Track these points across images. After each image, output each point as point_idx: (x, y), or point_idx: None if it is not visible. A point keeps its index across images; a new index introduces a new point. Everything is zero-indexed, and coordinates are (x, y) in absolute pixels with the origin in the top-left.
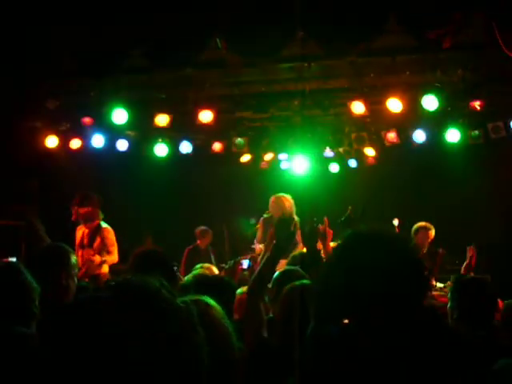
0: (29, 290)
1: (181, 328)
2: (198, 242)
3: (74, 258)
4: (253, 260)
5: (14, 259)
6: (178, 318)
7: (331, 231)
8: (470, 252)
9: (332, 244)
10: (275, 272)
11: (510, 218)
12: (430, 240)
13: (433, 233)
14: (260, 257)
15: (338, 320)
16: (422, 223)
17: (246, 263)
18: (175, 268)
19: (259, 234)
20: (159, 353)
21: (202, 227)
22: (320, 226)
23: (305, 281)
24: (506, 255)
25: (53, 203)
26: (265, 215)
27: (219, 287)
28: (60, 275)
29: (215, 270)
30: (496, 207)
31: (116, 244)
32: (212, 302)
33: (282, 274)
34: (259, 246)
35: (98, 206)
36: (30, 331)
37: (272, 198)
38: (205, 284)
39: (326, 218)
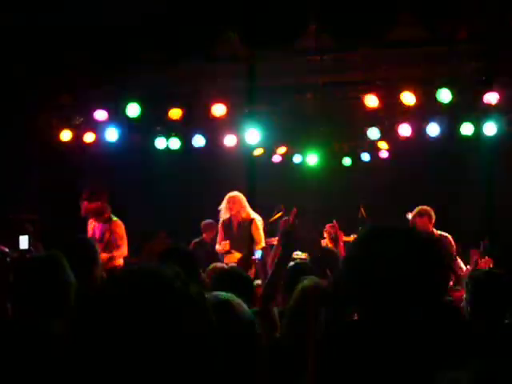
0: (67, 286)
1: (193, 316)
2: (204, 235)
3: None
4: (265, 250)
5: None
6: (191, 307)
7: (342, 233)
8: (474, 256)
9: (346, 238)
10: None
11: None
12: (431, 226)
13: (430, 218)
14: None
15: (355, 308)
16: (418, 209)
17: (258, 254)
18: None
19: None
20: (169, 342)
21: (207, 220)
22: (331, 230)
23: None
24: None
25: (66, 197)
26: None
27: (235, 280)
28: (93, 269)
29: None
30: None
31: (125, 237)
32: (231, 296)
33: (292, 268)
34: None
35: (106, 201)
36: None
37: (231, 198)
38: (221, 279)
39: (335, 221)
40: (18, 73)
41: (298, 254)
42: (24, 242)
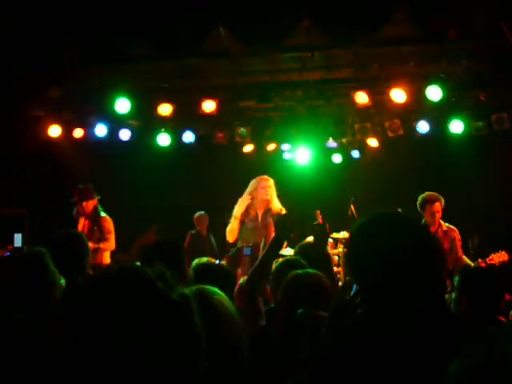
0: (50, 283)
1: (173, 318)
2: (198, 227)
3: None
4: (255, 246)
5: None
6: (172, 310)
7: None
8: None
9: (336, 235)
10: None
11: None
12: (438, 214)
13: (438, 205)
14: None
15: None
16: (432, 194)
17: (247, 251)
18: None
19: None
20: (150, 342)
21: (199, 212)
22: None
23: (310, 270)
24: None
25: (54, 192)
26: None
27: (219, 275)
28: (84, 265)
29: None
30: (500, 198)
31: (113, 232)
32: (216, 290)
33: (283, 263)
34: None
35: (93, 197)
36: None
37: (265, 181)
38: (205, 273)
39: (318, 212)
40: (6, 68)
41: (289, 251)
42: (18, 239)
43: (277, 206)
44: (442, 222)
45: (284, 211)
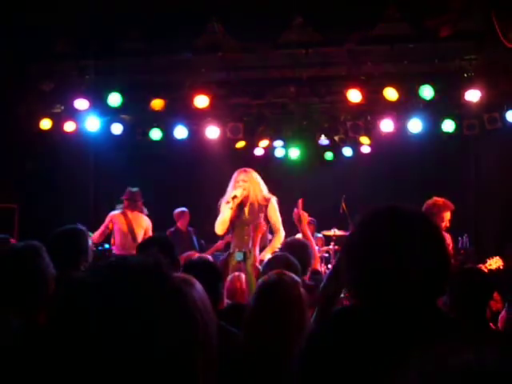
0: (41, 277)
1: (171, 308)
2: (178, 224)
3: (89, 240)
4: (248, 252)
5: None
6: (169, 300)
7: (305, 214)
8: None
9: (327, 233)
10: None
11: (507, 208)
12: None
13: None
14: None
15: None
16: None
17: (239, 256)
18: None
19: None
20: (146, 335)
21: (180, 209)
22: (295, 210)
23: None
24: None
25: (44, 186)
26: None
27: (205, 270)
28: (79, 261)
29: (243, 279)
30: (491, 197)
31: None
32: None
33: (269, 261)
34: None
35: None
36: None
37: (243, 174)
38: (190, 267)
39: (300, 200)
40: None
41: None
42: None
43: (258, 197)
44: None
45: (268, 198)
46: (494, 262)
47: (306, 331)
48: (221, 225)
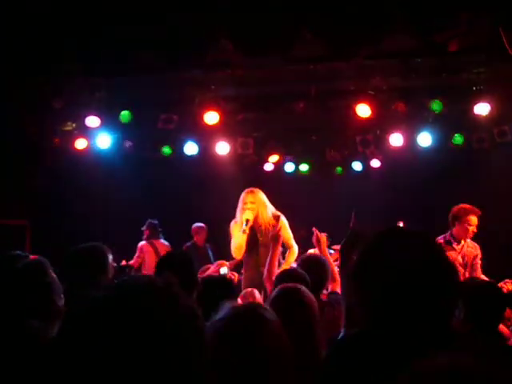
0: (47, 289)
1: (180, 330)
2: (195, 238)
3: (110, 257)
4: (232, 265)
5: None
6: (180, 322)
7: (324, 235)
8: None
9: (336, 247)
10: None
11: None
12: (469, 229)
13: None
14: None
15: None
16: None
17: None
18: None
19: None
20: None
21: (198, 224)
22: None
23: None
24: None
25: (55, 203)
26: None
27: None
28: (97, 279)
29: (257, 294)
30: (503, 209)
31: None
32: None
33: (281, 274)
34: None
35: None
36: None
37: (250, 195)
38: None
39: (314, 228)
40: (8, 76)
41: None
42: None
43: (266, 217)
44: (466, 240)
45: (277, 216)
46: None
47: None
48: (237, 250)
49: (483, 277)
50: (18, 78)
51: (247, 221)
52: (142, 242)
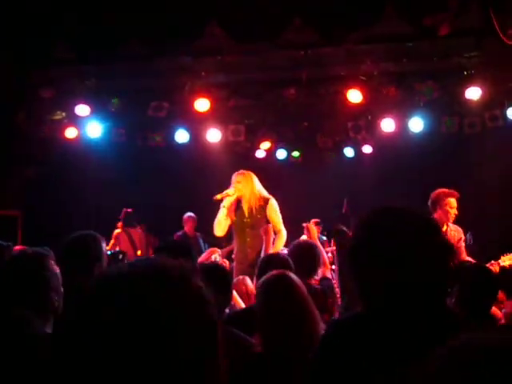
0: (45, 282)
1: (194, 311)
2: (185, 228)
3: (104, 245)
4: (224, 253)
5: None
6: (193, 303)
7: (314, 228)
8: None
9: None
10: None
11: (509, 205)
12: (453, 212)
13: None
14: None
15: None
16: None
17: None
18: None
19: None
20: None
21: (187, 214)
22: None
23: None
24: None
25: (48, 193)
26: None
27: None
28: (93, 268)
29: (248, 282)
30: (494, 195)
31: None
32: None
33: (265, 259)
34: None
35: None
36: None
37: (239, 176)
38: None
39: (305, 224)
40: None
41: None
42: None
43: (254, 197)
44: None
45: (266, 199)
46: (508, 259)
47: (316, 328)
48: (217, 226)
49: (468, 259)
50: (6, 66)
51: (226, 195)
52: (117, 230)
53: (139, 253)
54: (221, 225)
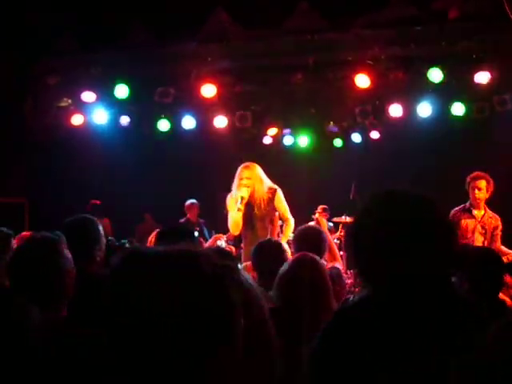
0: (59, 267)
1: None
2: (188, 215)
3: (101, 228)
4: (230, 236)
5: None
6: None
7: (324, 220)
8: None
9: (337, 219)
10: None
11: None
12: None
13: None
14: None
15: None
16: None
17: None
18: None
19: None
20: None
21: (190, 200)
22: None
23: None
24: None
25: (55, 178)
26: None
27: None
28: (93, 251)
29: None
30: (505, 179)
31: None
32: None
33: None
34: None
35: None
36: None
37: (246, 170)
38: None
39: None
40: (3, 53)
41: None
42: None
43: (262, 191)
44: (487, 209)
45: (273, 190)
46: None
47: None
48: (235, 226)
49: (503, 248)
50: (12, 54)
51: (242, 198)
52: None
53: None
54: (238, 225)
